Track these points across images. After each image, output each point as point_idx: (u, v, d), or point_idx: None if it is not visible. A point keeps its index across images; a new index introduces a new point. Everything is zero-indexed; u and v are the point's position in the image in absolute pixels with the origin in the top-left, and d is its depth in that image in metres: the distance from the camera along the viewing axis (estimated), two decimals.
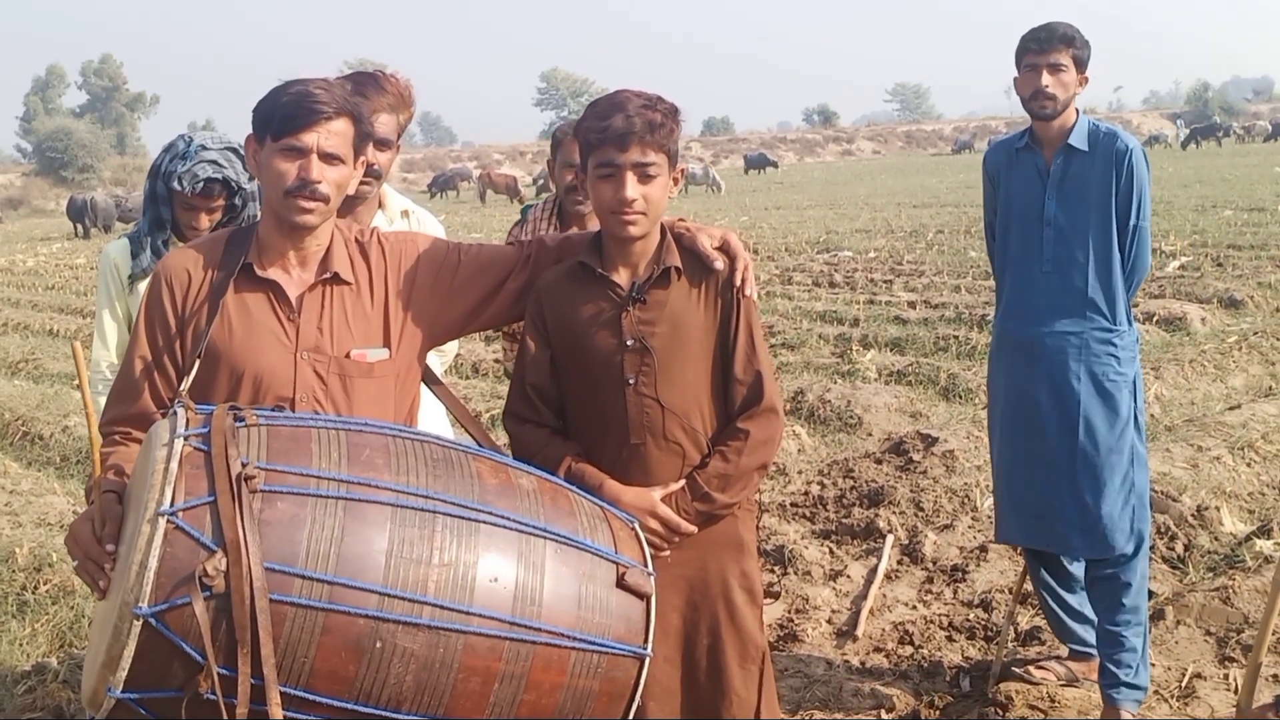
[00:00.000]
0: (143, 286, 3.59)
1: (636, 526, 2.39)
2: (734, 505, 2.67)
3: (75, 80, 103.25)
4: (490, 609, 2.03)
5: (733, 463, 2.62)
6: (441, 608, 2.00)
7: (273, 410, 2.25)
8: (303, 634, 1.93)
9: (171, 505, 1.92)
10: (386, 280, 2.61)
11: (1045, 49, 3.75)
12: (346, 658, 1.94)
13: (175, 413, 2.12)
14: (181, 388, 2.42)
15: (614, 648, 2.15)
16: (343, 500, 2.01)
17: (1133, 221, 3.73)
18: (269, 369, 2.48)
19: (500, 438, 2.89)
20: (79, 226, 36.52)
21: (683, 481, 2.63)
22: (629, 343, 2.61)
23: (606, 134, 2.51)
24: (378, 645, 1.95)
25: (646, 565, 2.28)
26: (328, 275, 2.54)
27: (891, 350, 10.40)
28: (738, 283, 2.66)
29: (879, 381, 9.22)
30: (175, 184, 3.45)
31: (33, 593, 5.47)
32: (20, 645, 4.97)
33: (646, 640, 2.20)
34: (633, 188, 2.51)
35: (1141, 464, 3.80)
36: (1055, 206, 3.80)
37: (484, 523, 2.10)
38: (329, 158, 2.44)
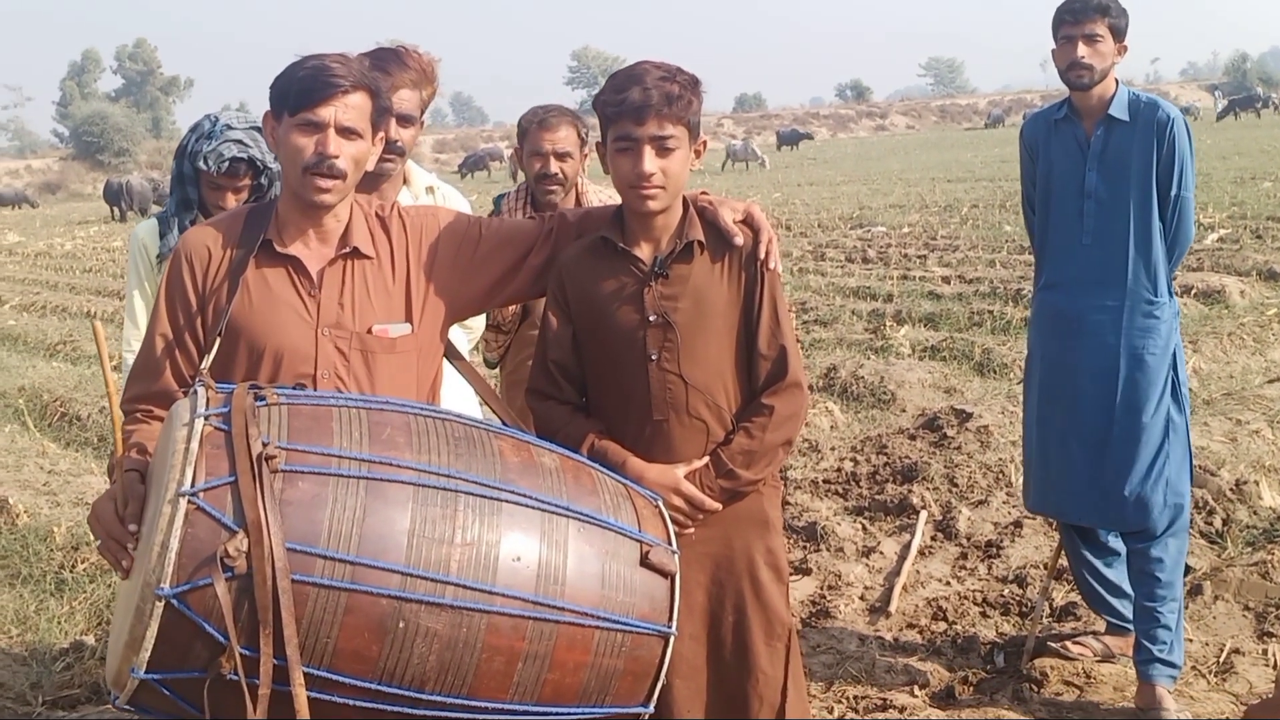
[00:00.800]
0: None
1: (660, 504, 2.37)
2: (759, 482, 2.64)
3: (110, 65, 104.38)
4: (513, 588, 2.02)
5: (757, 439, 2.59)
6: (464, 587, 1.98)
7: (293, 389, 2.23)
8: (325, 614, 1.92)
9: (192, 486, 1.90)
10: (408, 254, 2.59)
11: (1080, 19, 3.69)
12: (369, 638, 1.93)
13: (195, 392, 2.10)
14: (202, 366, 2.41)
15: (638, 626, 2.13)
16: (364, 480, 2.00)
17: (1174, 192, 3.67)
18: (290, 345, 2.45)
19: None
20: (116, 210, 36.86)
21: (706, 458, 2.60)
22: (651, 318, 2.58)
23: (623, 107, 2.47)
24: (400, 625, 1.94)
25: (670, 543, 2.26)
26: (348, 250, 2.52)
27: (925, 326, 10.33)
28: (761, 256, 2.62)
29: (913, 357, 9.15)
30: (201, 164, 3.44)
31: (70, 571, 5.52)
32: (59, 623, 5.03)
33: (671, 619, 2.18)
34: (650, 162, 2.48)
35: (1179, 438, 3.75)
36: (1096, 178, 3.74)
37: (506, 501, 2.08)
38: (346, 132, 2.41)
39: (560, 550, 2.09)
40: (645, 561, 2.18)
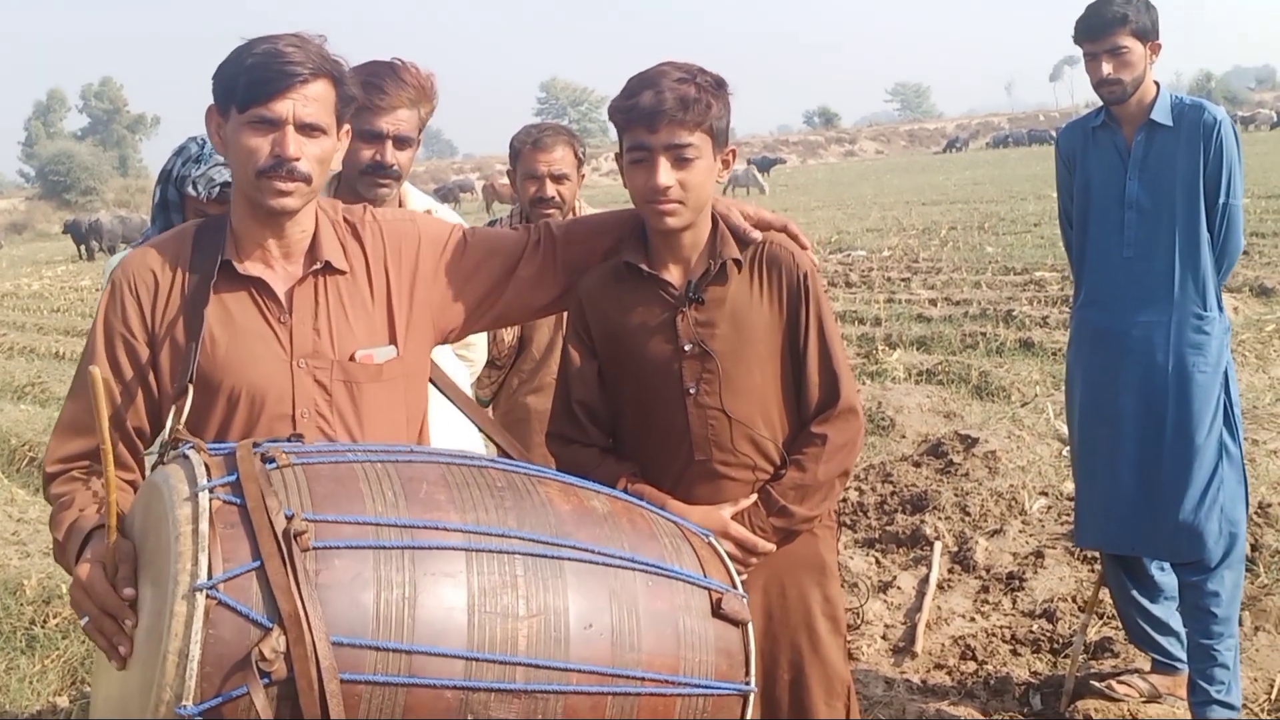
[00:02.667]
0: None
1: (713, 540, 2.12)
2: (814, 519, 2.39)
3: (76, 104, 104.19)
4: (589, 662, 1.74)
5: (810, 472, 2.34)
6: (536, 667, 1.70)
7: (289, 441, 1.92)
8: (381, 716, 1.62)
9: (209, 577, 1.58)
10: (386, 265, 2.27)
11: (1098, 36, 3.48)
12: None
13: (185, 456, 1.77)
14: (171, 421, 2.06)
15: (718, 688, 1.89)
16: (409, 550, 1.69)
17: (1222, 200, 3.46)
18: (262, 383, 2.13)
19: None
20: (83, 248, 36.41)
21: (754, 496, 2.36)
22: (686, 348, 2.33)
23: (634, 113, 2.23)
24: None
25: (736, 586, 2.01)
26: (318, 265, 2.18)
27: (918, 349, 10.14)
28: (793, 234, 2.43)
29: (908, 381, 8.96)
30: (189, 189, 3.16)
31: (42, 626, 5.21)
32: (30, 683, 4.72)
33: (748, 673, 1.94)
34: (666, 173, 2.23)
35: (1234, 462, 3.53)
36: (1138, 187, 3.53)
37: (568, 559, 1.80)
38: (308, 129, 2.08)
39: (632, 611, 1.82)
40: (718, 612, 1.93)
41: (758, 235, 2.37)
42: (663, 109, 2.21)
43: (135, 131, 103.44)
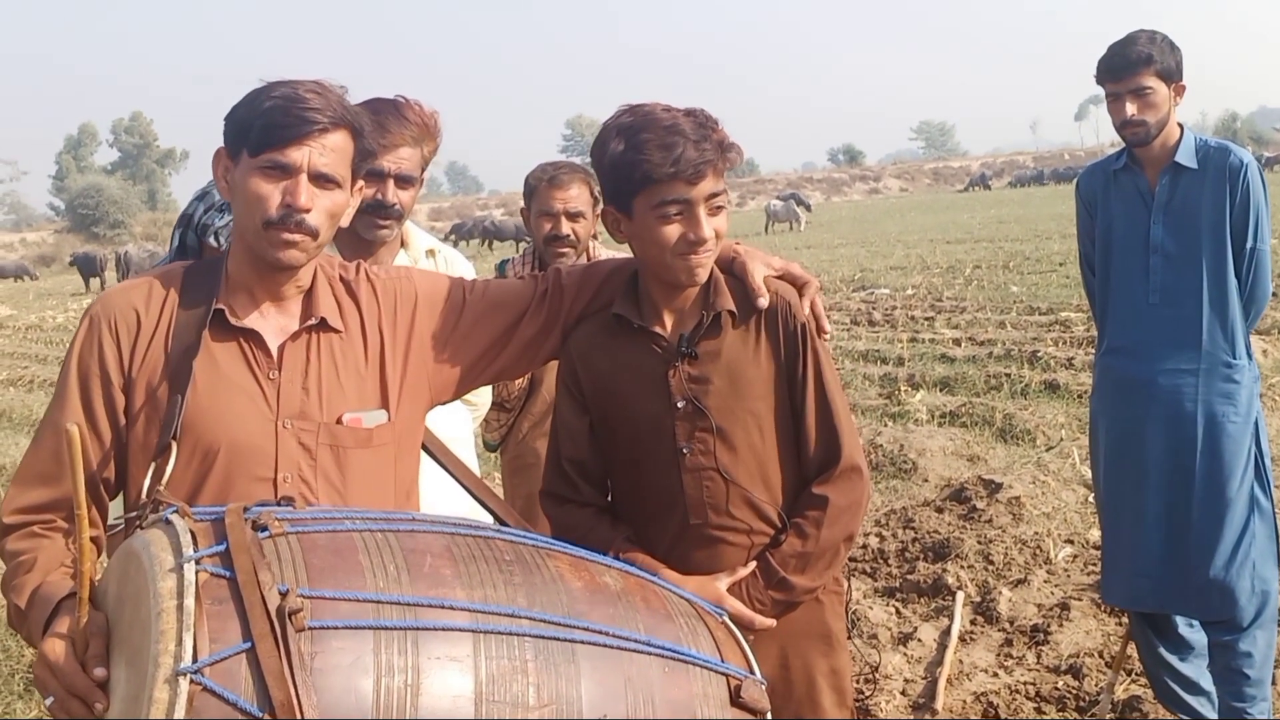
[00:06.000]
0: None
1: (726, 619, 1.98)
2: (817, 589, 2.24)
3: (106, 138, 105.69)
4: None
5: (812, 538, 2.20)
6: None
7: (279, 505, 1.76)
8: None
9: (194, 660, 1.45)
10: (380, 326, 2.15)
11: (1122, 76, 3.37)
12: None
13: (168, 521, 1.62)
14: (148, 482, 1.92)
15: None
16: (412, 630, 1.55)
17: (1249, 244, 3.35)
18: (245, 442, 1.99)
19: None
20: (91, 281, 36.78)
21: (753, 565, 2.21)
22: (679, 405, 2.20)
23: (679, 167, 2.08)
24: None
25: (754, 671, 1.86)
26: (314, 321, 2.07)
27: (941, 390, 9.98)
28: (805, 313, 2.25)
29: (931, 423, 8.78)
30: (210, 239, 3.02)
31: None
32: None
33: None
34: (708, 224, 2.13)
35: (1265, 517, 3.40)
36: (1162, 231, 3.41)
37: (581, 642, 1.65)
38: (322, 180, 1.98)
39: (649, 700, 1.67)
40: (737, 700, 1.79)
41: (764, 302, 2.24)
42: (706, 160, 2.11)
43: (164, 166, 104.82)
